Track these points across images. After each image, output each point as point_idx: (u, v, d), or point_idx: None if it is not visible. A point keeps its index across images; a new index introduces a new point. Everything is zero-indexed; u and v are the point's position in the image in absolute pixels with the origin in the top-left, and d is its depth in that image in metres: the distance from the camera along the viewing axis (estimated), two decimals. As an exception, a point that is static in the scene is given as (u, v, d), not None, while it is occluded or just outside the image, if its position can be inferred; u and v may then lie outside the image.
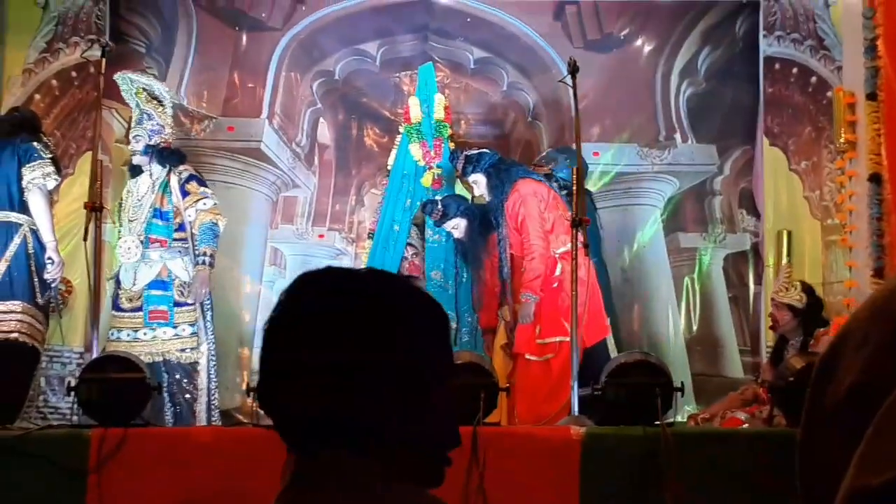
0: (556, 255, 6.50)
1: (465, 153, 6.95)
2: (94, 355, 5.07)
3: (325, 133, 7.97)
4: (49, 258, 5.78)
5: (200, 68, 7.82)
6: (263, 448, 4.33)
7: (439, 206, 6.87)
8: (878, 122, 5.95)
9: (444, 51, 7.96)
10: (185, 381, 6.42)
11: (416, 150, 7.16)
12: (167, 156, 6.59)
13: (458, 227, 6.90)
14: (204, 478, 4.30)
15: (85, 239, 5.05)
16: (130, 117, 6.71)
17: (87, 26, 7.58)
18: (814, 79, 7.51)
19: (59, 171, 6.06)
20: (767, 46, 7.66)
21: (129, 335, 6.33)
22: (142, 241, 6.37)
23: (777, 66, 7.64)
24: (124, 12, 7.73)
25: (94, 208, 5.15)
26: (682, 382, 4.59)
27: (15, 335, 5.64)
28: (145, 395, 4.56)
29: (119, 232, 6.53)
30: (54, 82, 7.53)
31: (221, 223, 6.51)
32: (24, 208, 5.85)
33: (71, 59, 7.54)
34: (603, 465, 4.35)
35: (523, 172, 6.84)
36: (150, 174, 6.54)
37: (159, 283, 6.41)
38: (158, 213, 6.48)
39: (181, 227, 6.50)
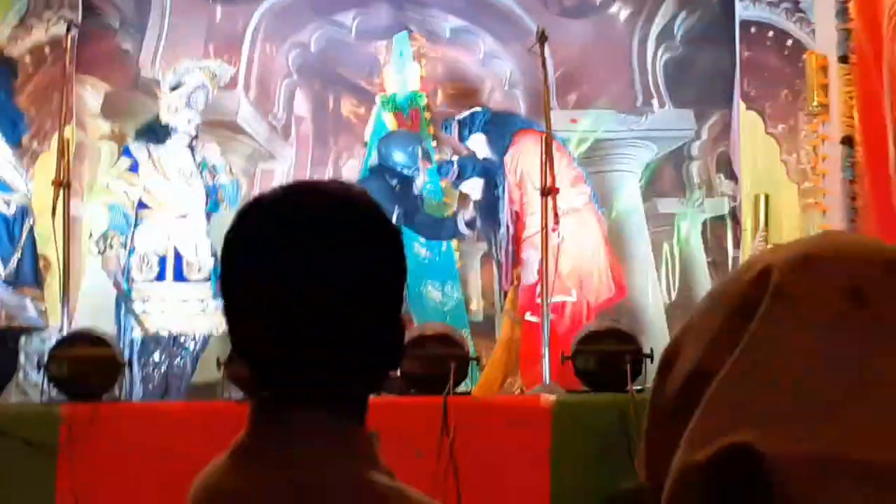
0: (562, 212, 5.79)
1: (456, 119, 6.68)
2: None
3: (301, 105, 7.93)
4: None
5: (175, 41, 7.75)
6: (234, 422, 4.36)
7: (455, 167, 6.65)
8: (850, 85, 5.95)
9: (420, 20, 7.90)
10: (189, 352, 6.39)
11: (389, 120, 7.10)
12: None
13: (474, 187, 6.64)
14: (175, 451, 4.31)
15: (53, 215, 5.01)
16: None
17: (60, 1, 7.51)
18: (790, 41, 7.46)
19: None
20: (743, 10, 7.60)
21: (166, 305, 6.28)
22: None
23: (753, 29, 7.58)
24: (97, -14, 7.66)
25: (63, 185, 5.13)
26: (651, 349, 4.60)
27: None
28: (115, 371, 4.58)
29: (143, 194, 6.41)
30: (28, 59, 7.46)
31: None
32: None
33: (44, 36, 7.46)
34: (573, 433, 4.39)
35: (522, 123, 6.58)
36: (192, 151, 6.52)
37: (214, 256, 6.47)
38: (211, 190, 6.54)
39: None
